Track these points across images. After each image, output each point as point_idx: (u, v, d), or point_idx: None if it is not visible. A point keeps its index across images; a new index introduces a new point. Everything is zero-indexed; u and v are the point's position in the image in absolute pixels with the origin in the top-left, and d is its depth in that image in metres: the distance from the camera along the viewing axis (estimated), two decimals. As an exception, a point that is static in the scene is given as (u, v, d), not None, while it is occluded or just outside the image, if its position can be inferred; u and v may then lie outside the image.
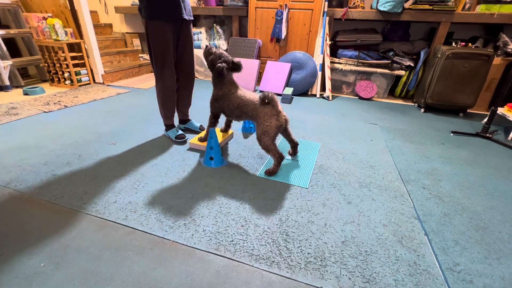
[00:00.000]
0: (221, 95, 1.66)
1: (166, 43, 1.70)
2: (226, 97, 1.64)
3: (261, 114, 1.51)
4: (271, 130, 1.49)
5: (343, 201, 1.41)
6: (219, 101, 1.68)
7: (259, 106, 1.53)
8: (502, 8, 2.71)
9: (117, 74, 3.67)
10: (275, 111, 1.49)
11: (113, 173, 1.55)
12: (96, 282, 0.93)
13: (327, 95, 3.20)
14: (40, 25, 3.09)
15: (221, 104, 1.68)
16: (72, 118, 2.33)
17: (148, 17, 1.64)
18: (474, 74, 2.60)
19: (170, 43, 1.72)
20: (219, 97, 1.67)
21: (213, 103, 1.72)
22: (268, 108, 1.50)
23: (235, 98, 1.62)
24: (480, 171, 1.75)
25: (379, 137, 2.20)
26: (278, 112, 1.50)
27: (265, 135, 1.50)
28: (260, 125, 1.51)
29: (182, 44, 1.82)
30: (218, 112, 1.75)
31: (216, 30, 3.76)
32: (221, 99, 1.67)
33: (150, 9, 1.62)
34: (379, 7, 2.94)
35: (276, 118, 1.49)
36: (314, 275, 0.99)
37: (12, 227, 1.15)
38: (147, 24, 1.67)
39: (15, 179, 1.46)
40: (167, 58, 1.74)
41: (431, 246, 1.14)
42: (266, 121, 1.49)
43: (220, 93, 1.66)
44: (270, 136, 1.50)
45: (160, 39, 1.68)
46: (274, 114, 1.49)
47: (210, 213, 1.27)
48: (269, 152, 1.55)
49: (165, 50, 1.72)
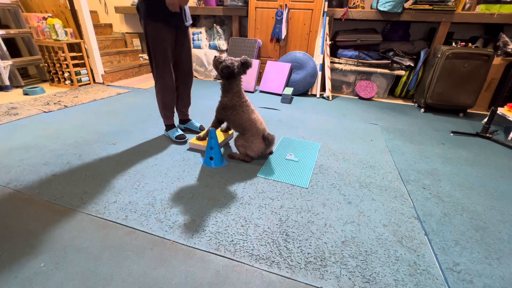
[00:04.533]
0: (230, 106, 1.65)
1: (164, 44, 1.70)
2: (235, 112, 1.65)
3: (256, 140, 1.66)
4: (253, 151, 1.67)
5: (343, 201, 1.41)
6: (227, 111, 1.67)
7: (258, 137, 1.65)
8: (502, 8, 2.71)
9: (117, 74, 3.67)
10: (266, 147, 1.69)
11: (113, 173, 1.55)
12: (96, 282, 0.93)
13: (327, 95, 3.20)
14: (40, 25, 3.09)
15: (227, 115, 1.69)
16: (72, 118, 2.33)
17: (146, 18, 1.63)
18: (474, 74, 2.60)
19: (168, 44, 1.72)
20: (228, 107, 1.66)
21: (220, 111, 1.71)
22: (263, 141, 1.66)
23: (244, 119, 1.65)
24: (480, 171, 1.75)
25: (379, 137, 2.20)
26: (268, 149, 1.74)
27: (247, 149, 1.67)
28: (248, 140, 1.65)
29: (180, 44, 1.82)
30: (223, 120, 1.76)
31: (216, 30, 3.76)
32: (229, 110, 1.66)
33: (149, 11, 1.62)
34: (379, 7, 2.94)
35: (263, 150, 1.69)
36: (314, 275, 0.99)
37: (12, 227, 1.15)
38: (145, 24, 1.66)
39: (15, 179, 1.46)
40: (165, 58, 1.74)
41: (431, 246, 1.14)
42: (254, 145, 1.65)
43: (229, 103, 1.65)
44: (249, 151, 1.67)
45: (158, 39, 1.68)
46: (264, 148, 1.69)
47: (210, 213, 1.27)
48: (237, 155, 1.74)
49: (164, 51, 1.72)
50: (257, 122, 1.66)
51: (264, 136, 1.64)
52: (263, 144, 1.66)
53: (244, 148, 1.67)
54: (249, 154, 1.68)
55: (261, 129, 1.66)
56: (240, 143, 1.68)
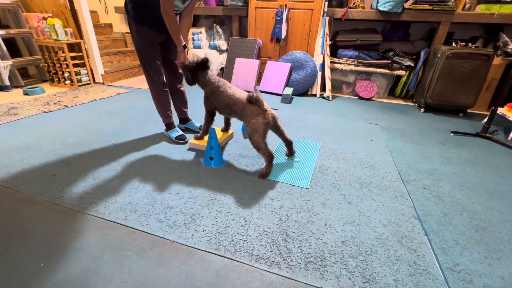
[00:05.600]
0: (209, 92, 1.72)
1: (150, 44, 1.70)
2: (215, 94, 1.70)
3: (249, 112, 1.57)
4: (259, 127, 1.54)
5: (343, 201, 1.41)
6: (210, 98, 1.74)
7: (247, 105, 1.57)
8: (502, 8, 2.71)
9: (117, 74, 3.67)
10: (261, 109, 1.55)
11: (113, 173, 1.55)
12: (96, 282, 0.93)
13: (327, 95, 3.20)
14: (40, 25, 3.09)
15: (212, 101, 1.74)
16: (72, 118, 2.33)
17: (133, 19, 1.62)
18: (474, 74, 2.60)
19: (156, 43, 1.72)
20: (208, 95, 1.74)
21: (205, 101, 1.79)
22: (254, 107, 1.56)
23: (224, 97, 1.66)
24: (480, 171, 1.75)
25: (379, 137, 2.20)
26: (264, 111, 1.55)
27: (255, 132, 1.55)
28: (249, 124, 1.56)
29: (169, 41, 1.78)
30: (212, 109, 1.80)
31: (216, 30, 3.76)
32: (210, 96, 1.73)
33: (137, 13, 1.60)
34: (379, 7, 2.94)
35: (263, 116, 1.55)
36: (314, 275, 0.99)
37: (12, 227, 1.15)
38: (132, 24, 1.65)
39: (15, 179, 1.46)
40: (153, 57, 1.74)
41: (431, 246, 1.14)
42: (253, 119, 1.55)
43: (207, 90, 1.73)
44: (259, 133, 1.55)
45: (145, 40, 1.68)
46: (260, 113, 1.55)
47: (210, 213, 1.27)
48: (259, 151, 1.59)
49: (150, 50, 1.72)
50: (236, 93, 1.64)
51: (247, 99, 1.55)
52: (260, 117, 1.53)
53: (255, 131, 1.54)
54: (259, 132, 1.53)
55: (244, 97, 1.60)
56: (248, 132, 1.58)
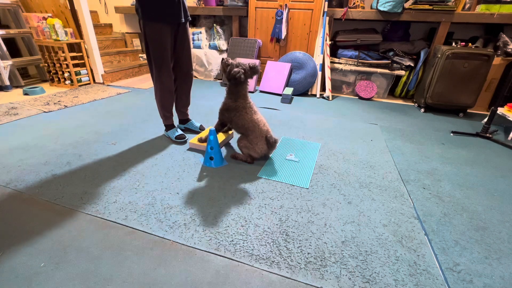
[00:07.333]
0: (233, 107, 1.64)
1: (163, 45, 1.70)
2: (238, 113, 1.64)
3: (259, 143, 1.65)
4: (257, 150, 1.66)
5: (343, 201, 1.41)
6: (230, 112, 1.67)
7: (261, 139, 1.65)
8: (502, 8, 2.71)
9: (117, 74, 3.67)
10: (270, 151, 1.72)
11: (113, 173, 1.55)
12: (96, 282, 0.93)
13: (327, 95, 3.20)
14: (40, 25, 3.08)
15: (230, 116, 1.68)
16: (72, 118, 2.33)
17: (145, 18, 1.63)
18: (474, 74, 2.60)
19: (168, 44, 1.72)
20: (231, 109, 1.66)
21: (223, 112, 1.71)
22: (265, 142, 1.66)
23: (246, 120, 1.64)
24: (480, 171, 1.75)
25: (379, 137, 2.20)
26: (271, 151, 1.75)
27: (250, 150, 1.66)
28: (252, 142, 1.65)
29: (180, 44, 1.81)
30: (225, 121, 1.76)
31: (216, 30, 3.76)
32: (232, 111, 1.66)
33: (147, 11, 1.61)
34: (379, 7, 2.94)
35: (266, 152, 1.70)
36: (314, 275, 0.99)
37: (12, 227, 1.15)
38: (144, 25, 1.66)
39: (15, 179, 1.46)
40: (165, 59, 1.74)
41: (431, 246, 1.14)
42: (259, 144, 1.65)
43: (233, 105, 1.64)
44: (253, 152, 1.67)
45: (158, 40, 1.67)
46: (267, 150, 1.69)
47: (210, 213, 1.27)
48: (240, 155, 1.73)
49: (163, 51, 1.71)
50: (260, 123, 1.65)
51: (266, 138, 1.64)
52: (266, 146, 1.65)
53: (247, 149, 1.66)
54: (252, 155, 1.67)
55: (264, 130, 1.64)
56: (243, 144, 1.67)
